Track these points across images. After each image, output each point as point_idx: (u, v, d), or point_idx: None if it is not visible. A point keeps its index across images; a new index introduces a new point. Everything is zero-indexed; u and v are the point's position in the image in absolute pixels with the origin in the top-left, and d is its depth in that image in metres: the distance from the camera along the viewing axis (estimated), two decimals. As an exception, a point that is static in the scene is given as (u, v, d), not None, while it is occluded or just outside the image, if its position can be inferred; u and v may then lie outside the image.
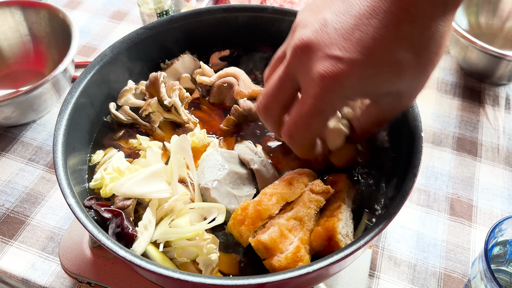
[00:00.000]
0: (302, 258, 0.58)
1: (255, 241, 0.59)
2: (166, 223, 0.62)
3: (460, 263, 0.81)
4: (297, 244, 0.59)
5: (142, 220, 0.61)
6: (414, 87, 0.49)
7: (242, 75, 0.80)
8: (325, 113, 0.49)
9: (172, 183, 0.65)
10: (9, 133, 1.02)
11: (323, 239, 0.60)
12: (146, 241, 0.60)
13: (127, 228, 0.60)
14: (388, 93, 0.48)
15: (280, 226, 0.59)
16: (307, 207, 0.62)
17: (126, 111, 0.78)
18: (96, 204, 0.62)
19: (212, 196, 0.64)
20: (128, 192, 0.63)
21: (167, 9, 1.15)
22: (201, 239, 0.61)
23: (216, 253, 0.61)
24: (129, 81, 0.80)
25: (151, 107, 0.76)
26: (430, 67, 0.47)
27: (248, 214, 0.61)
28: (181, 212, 0.63)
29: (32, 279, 0.79)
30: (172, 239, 0.61)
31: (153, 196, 0.63)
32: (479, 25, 1.19)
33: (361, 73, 0.45)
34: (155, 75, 0.77)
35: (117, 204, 0.63)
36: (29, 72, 1.11)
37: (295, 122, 0.51)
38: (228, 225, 0.62)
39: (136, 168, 0.68)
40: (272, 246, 0.58)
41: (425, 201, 0.90)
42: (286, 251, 0.58)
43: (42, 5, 1.06)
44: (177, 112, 0.77)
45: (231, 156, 0.71)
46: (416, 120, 0.65)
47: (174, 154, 0.67)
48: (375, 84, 0.47)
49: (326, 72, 0.45)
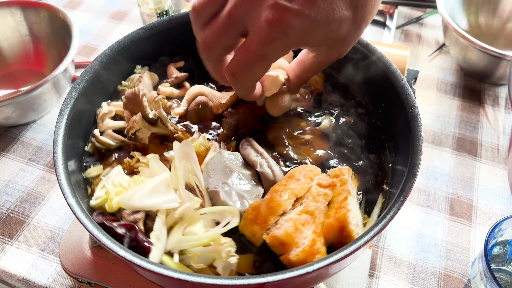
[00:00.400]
0: (319, 250, 0.59)
1: (270, 238, 0.59)
2: (179, 232, 0.61)
3: (460, 263, 0.81)
4: (313, 237, 0.59)
5: (154, 231, 0.60)
6: (348, 40, 0.55)
7: (206, 89, 0.80)
8: (268, 59, 0.53)
9: (179, 191, 0.64)
10: (9, 133, 1.02)
11: (336, 231, 0.60)
12: (160, 252, 0.59)
13: (142, 241, 0.58)
14: (325, 44, 0.54)
15: (294, 220, 0.60)
16: (316, 201, 0.63)
17: (111, 135, 0.74)
18: (107, 220, 0.60)
19: (222, 199, 0.64)
20: (137, 204, 0.61)
21: (167, 9, 1.15)
22: (218, 243, 0.60)
23: (235, 256, 0.60)
24: (103, 104, 0.77)
25: (137, 124, 0.72)
26: (364, 24, 0.53)
27: (260, 212, 0.61)
28: (193, 219, 0.62)
29: (32, 279, 0.79)
30: (188, 247, 0.60)
31: (162, 207, 0.62)
32: (479, 25, 1.19)
33: (306, 25, 0.49)
34: (132, 91, 0.74)
35: (127, 218, 0.61)
36: (29, 72, 1.11)
37: (240, 64, 0.54)
38: (240, 226, 0.62)
39: (142, 179, 0.66)
40: (288, 241, 0.58)
41: (425, 201, 0.90)
42: (303, 245, 0.58)
43: (42, 5, 1.06)
44: (163, 124, 0.75)
45: (236, 157, 0.71)
46: (416, 120, 0.65)
47: (179, 161, 0.65)
48: (315, 36, 0.51)
49: (274, 20, 0.48)
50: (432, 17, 1.32)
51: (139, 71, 0.83)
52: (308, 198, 0.64)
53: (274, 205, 0.61)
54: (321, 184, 0.65)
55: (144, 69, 0.84)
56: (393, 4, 1.27)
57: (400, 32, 1.28)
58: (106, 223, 0.59)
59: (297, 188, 0.63)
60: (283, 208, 0.61)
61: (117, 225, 0.59)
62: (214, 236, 0.60)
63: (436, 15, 1.32)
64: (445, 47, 1.21)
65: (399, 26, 1.28)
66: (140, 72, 0.82)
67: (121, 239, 0.58)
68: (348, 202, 0.62)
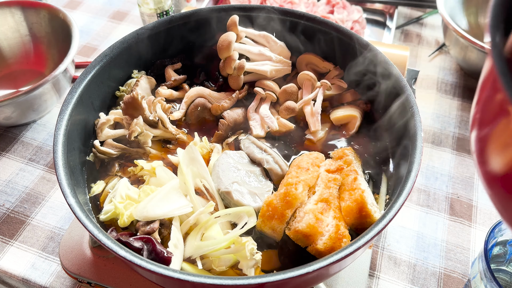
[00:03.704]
0: (344, 234, 0.60)
1: (293, 232, 0.60)
2: (196, 237, 0.61)
3: (460, 263, 0.81)
4: (335, 223, 0.60)
5: (171, 240, 0.60)
6: None
7: (204, 90, 0.80)
8: None
9: (189, 196, 0.64)
10: (9, 133, 1.02)
11: (355, 212, 0.61)
12: (180, 259, 0.59)
13: (162, 253, 0.58)
14: None
15: (313, 211, 0.61)
16: (328, 187, 0.64)
17: (111, 144, 0.74)
18: (122, 235, 0.59)
19: (235, 198, 0.64)
20: (151, 214, 0.61)
21: (167, 9, 1.15)
22: (239, 244, 0.60)
23: (259, 252, 0.61)
24: (101, 114, 0.76)
25: (139, 127, 0.72)
26: None
27: (276, 207, 0.62)
28: (208, 223, 0.62)
29: (32, 279, 0.79)
30: (208, 252, 0.60)
31: (176, 213, 0.62)
32: (479, 25, 1.19)
33: None
34: (131, 95, 0.74)
35: (143, 230, 0.61)
36: (29, 72, 1.11)
37: None
38: (257, 224, 0.63)
39: (152, 189, 0.65)
40: (312, 232, 0.59)
41: (425, 201, 0.90)
42: (328, 232, 0.59)
43: (42, 5, 1.06)
44: (164, 126, 0.75)
45: (241, 156, 0.71)
46: (416, 120, 0.65)
47: (186, 166, 0.65)
48: None
49: None
50: (432, 17, 1.32)
51: (136, 75, 0.83)
52: (320, 186, 0.64)
53: (291, 199, 0.62)
54: (329, 169, 0.66)
55: (141, 73, 0.83)
56: (393, 4, 1.27)
57: (400, 32, 1.28)
58: (122, 239, 0.58)
59: (309, 178, 0.65)
60: (300, 200, 0.62)
61: (134, 239, 0.59)
62: (233, 238, 0.60)
63: (436, 15, 1.32)
64: (445, 47, 1.21)
65: (399, 26, 1.28)
66: (137, 77, 0.82)
67: (140, 253, 0.57)
68: (359, 182, 0.63)
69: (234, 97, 0.78)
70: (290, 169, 0.68)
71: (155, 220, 0.62)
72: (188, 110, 0.79)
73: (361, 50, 0.77)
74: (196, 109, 0.78)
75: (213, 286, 0.51)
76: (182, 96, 0.81)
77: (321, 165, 0.67)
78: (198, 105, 0.78)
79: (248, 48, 0.80)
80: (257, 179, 0.69)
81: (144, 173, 0.70)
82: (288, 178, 0.65)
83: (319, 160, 0.68)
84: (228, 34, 0.77)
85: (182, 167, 0.65)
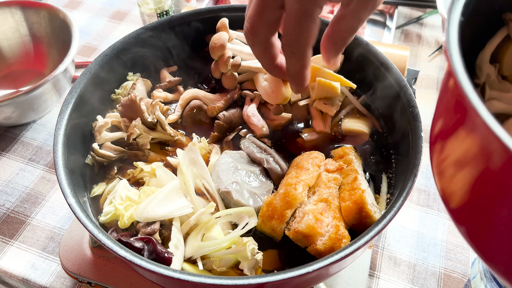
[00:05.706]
0: (344, 235, 0.59)
1: (292, 233, 0.60)
2: (197, 238, 0.61)
3: (460, 263, 0.81)
4: (335, 223, 0.60)
5: (172, 240, 0.60)
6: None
7: (199, 92, 0.80)
8: (310, 13, 0.52)
9: (190, 197, 0.64)
10: (9, 133, 1.02)
11: (355, 213, 0.61)
12: (181, 260, 0.59)
13: (162, 253, 0.58)
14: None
15: (313, 211, 0.60)
16: (328, 187, 0.64)
17: (110, 146, 0.73)
18: (123, 236, 0.60)
19: (235, 198, 0.64)
20: (151, 215, 0.61)
21: (167, 9, 1.15)
22: (240, 244, 0.60)
23: (260, 252, 0.61)
24: (98, 117, 0.76)
25: (137, 129, 0.72)
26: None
27: (276, 207, 0.62)
28: (209, 223, 0.62)
29: (33, 279, 0.79)
30: (209, 252, 0.60)
31: (176, 214, 0.62)
32: (479, 25, 1.19)
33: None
34: (129, 97, 0.74)
35: (144, 231, 0.61)
36: (29, 72, 1.11)
37: (289, 32, 0.54)
38: (257, 224, 0.63)
39: (152, 190, 0.65)
40: (312, 233, 0.59)
41: (425, 201, 0.90)
42: (327, 233, 0.59)
43: (42, 5, 1.06)
44: (162, 128, 0.75)
45: (241, 156, 0.71)
46: (416, 120, 0.65)
47: (186, 167, 0.65)
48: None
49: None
50: (432, 17, 1.32)
51: (132, 78, 0.83)
52: (320, 186, 0.64)
53: (290, 199, 0.62)
54: (329, 169, 0.66)
55: (136, 75, 0.83)
56: (393, 4, 1.27)
57: (400, 32, 1.28)
58: (123, 239, 0.58)
59: (309, 178, 0.65)
60: (299, 200, 0.62)
61: (134, 240, 0.59)
62: (234, 238, 0.60)
63: (436, 15, 1.32)
64: (445, 47, 1.21)
65: (399, 26, 1.28)
66: (133, 79, 0.82)
67: (141, 253, 0.58)
68: (359, 182, 0.63)
69: (229, 98, 0.78)
70: (290, 169, 0.68)
71: (155, 221, 0.62)
72: (183, 112, 0.79)
73: (361, 50, 0.77)
74: (191, 111, 0.78)
75: (213, 286, 0.51)
76: (177, 98, 0.81)
77: (321, 164, 0.67)
78: (193, 107, 0.78)
79: (241, 48, 0.80)
80: (257, 179, 0.69)
81: (143, 175, 0.70)
82: (288, 178, 0.65)
83: (319, 159, 0.68)
84: (221, 33, 0.77)
85: (182, 168, 0.65)
